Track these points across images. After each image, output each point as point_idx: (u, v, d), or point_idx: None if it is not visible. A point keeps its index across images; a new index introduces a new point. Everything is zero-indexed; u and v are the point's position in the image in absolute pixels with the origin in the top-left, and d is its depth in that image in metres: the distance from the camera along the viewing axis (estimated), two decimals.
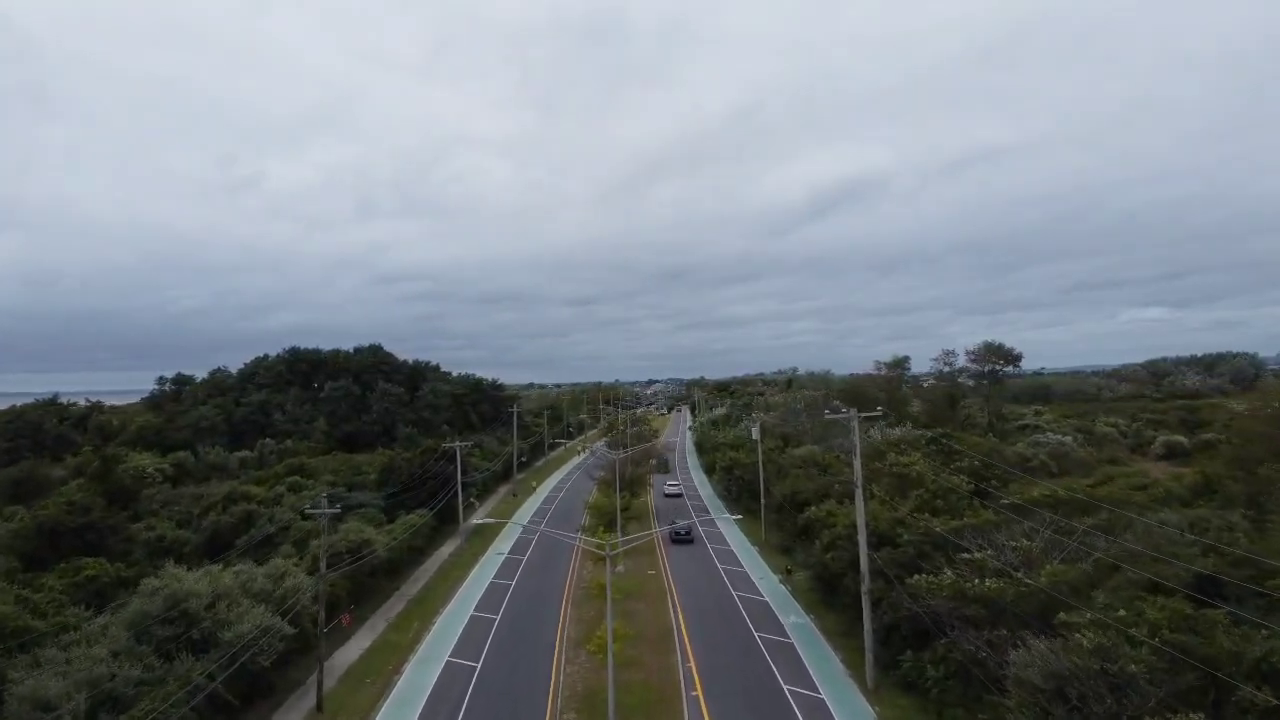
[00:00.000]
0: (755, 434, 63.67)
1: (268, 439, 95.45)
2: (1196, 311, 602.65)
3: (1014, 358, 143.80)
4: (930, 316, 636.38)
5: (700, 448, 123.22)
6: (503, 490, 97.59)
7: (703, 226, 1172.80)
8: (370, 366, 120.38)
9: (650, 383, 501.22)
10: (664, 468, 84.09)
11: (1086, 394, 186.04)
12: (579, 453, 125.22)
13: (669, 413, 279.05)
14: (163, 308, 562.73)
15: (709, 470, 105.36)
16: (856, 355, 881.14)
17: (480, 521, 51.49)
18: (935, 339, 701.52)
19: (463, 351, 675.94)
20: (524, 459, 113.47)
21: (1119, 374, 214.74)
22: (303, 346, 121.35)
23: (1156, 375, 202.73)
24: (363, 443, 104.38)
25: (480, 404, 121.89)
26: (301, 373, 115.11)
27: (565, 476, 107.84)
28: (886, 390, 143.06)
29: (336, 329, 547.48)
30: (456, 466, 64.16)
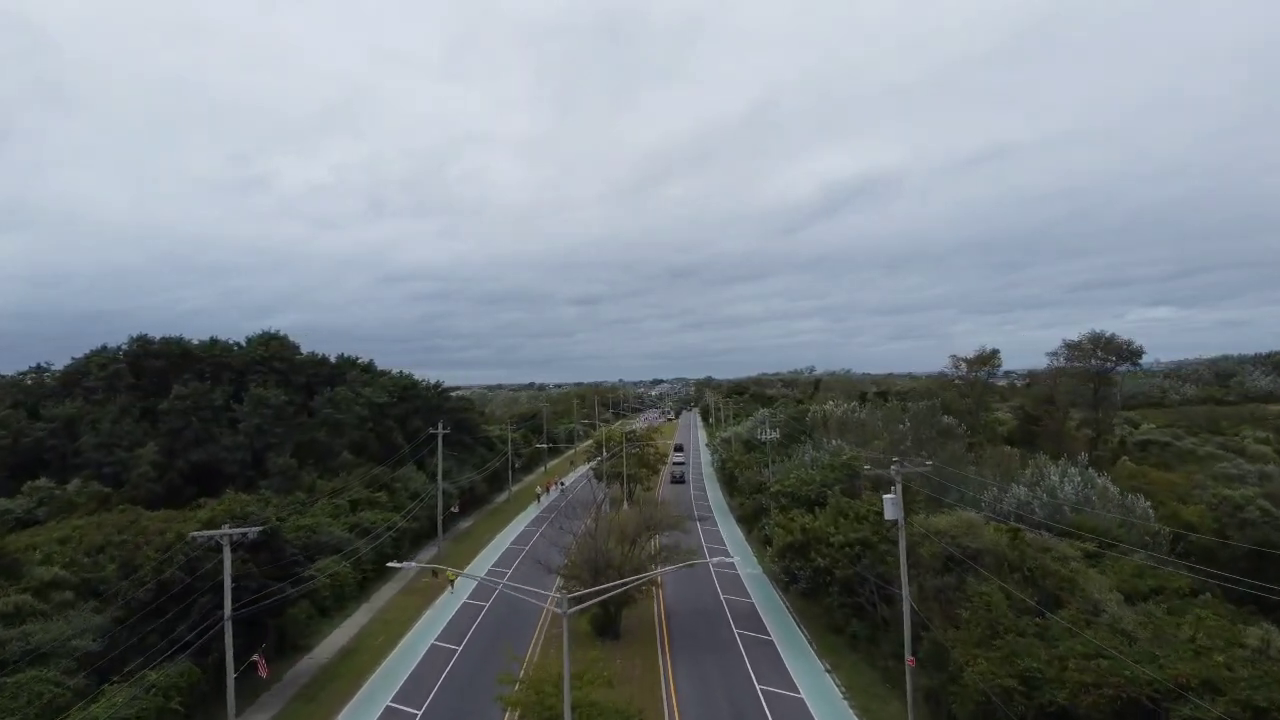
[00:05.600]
0: (892, 512, 28.16)
1: (41, 479, 59.82)
2: (1202, 310, 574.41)
3: (1132, 353, 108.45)
4: (935, 315, 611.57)
5: (730, 481, 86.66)
6: (423, 558, 61.83)
7: (712, 225, 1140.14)
8: (260, 363, 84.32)
9: (656, 382, 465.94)
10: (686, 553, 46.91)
11: (1150, 396, 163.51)
12: (536, 498, 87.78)
13: (675, 418, 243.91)
14: (167, 308, 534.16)
15: (746, 521, 69.35)
16: (860, 354, 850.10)
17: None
18: (940, 338, 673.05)
19: (467, 352, 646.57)
20: (456, 510, 77.18)
21: (1179, 374, 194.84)
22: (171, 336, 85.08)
23: (1221, 375, 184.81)
24: (222, 480, 68.81)
25: (412, 416, 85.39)
26: (154, 372, 79.24)
27: (528, 532, 72.46)
28: (970, 395, 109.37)
29: (340, 329, 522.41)
30: (225, 578, 28.64)
